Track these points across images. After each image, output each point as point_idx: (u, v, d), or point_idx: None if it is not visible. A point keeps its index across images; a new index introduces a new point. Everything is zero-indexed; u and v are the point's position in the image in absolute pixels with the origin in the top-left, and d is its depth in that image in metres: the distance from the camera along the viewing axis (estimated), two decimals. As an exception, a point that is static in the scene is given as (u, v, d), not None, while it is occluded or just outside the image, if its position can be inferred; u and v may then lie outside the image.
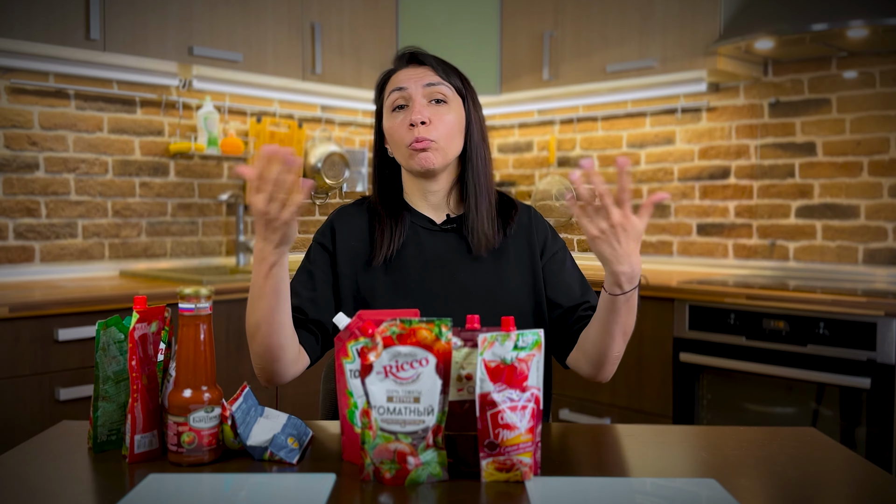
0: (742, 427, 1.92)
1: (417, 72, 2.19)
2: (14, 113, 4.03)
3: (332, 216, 2.31)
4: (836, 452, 1.76)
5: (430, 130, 2.12)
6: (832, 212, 4.41)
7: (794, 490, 1.53)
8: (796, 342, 3.67)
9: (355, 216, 2.29)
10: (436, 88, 2.16)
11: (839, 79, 4.36)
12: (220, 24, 4.28)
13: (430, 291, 2.17)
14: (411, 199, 2.27)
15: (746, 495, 1.48)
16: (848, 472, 1.67)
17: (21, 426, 3.28)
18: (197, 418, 1.62)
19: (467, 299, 2.16)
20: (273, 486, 1.51)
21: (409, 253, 2.20)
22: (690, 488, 1.51)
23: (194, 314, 1.64)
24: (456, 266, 2.20)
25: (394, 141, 2.18)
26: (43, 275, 4.15)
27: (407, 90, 2.15)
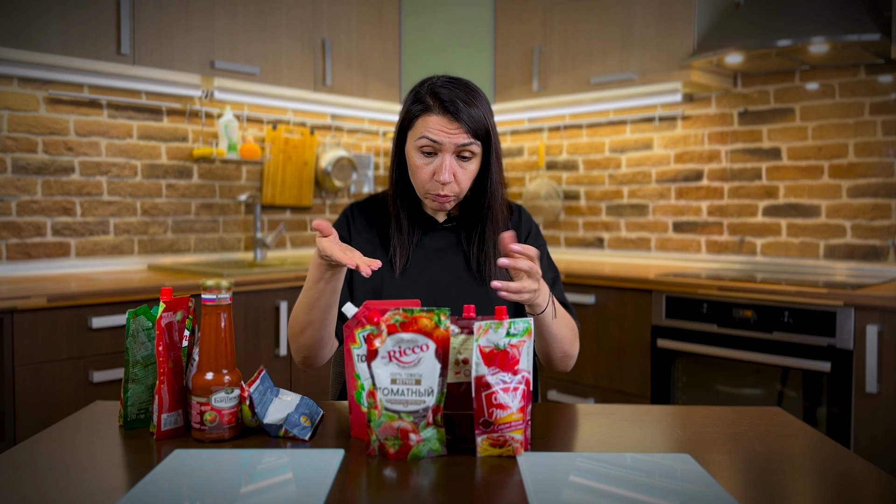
0: (714, 407, 1.92)
1: (451, 127, 2.07)
2: (52, 121, 4.02)
3: (346, 210, 2.33)
4: (799, 430, 1.76)
5: (453, 187, 2.10)
6: (796, 211, 4.40)
7: (762, 464, 1.53)
8: (763, 329, 3.67)
9: (368, 210, 2.31)
10: (466, 148, 2.08)
11: (802, 90, 4.36)
12: (239, 39, 4.28)
13: (431, 281, 2.18)
14: None
15: (718, 469, 1.48)
16: (810, 448, 1.67)
17: (58, 406, 3.28)
18: (218, 399, 1.62)
19: (464, 289, 2.17)
20: (287, 461, 1.51)
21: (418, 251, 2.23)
22: (666, 462, 1.51)
23: (216, 304, 1.64)
24: (452, 260, 2.21)
25: (415, 177, 2.14)
26: (78, 268, 4.15)
27: (441, 144, 2.07)
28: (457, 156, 2.10)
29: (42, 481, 1.41)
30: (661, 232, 5.01)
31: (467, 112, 2.08)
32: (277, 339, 4.02)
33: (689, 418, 1.82)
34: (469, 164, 2.11)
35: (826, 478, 1.51)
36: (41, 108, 3.99)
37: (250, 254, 4.92)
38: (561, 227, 5.52)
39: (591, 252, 5.36)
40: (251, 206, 4.90)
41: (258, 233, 4.81)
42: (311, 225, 5.11)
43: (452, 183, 2.10)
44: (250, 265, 4.58)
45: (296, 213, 5.21)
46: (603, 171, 5.28)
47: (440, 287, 2.18)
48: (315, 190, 5.31)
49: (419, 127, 2.11)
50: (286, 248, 5.15)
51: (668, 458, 1.54)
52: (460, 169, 2.10)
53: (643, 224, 5.09)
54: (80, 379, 3.36)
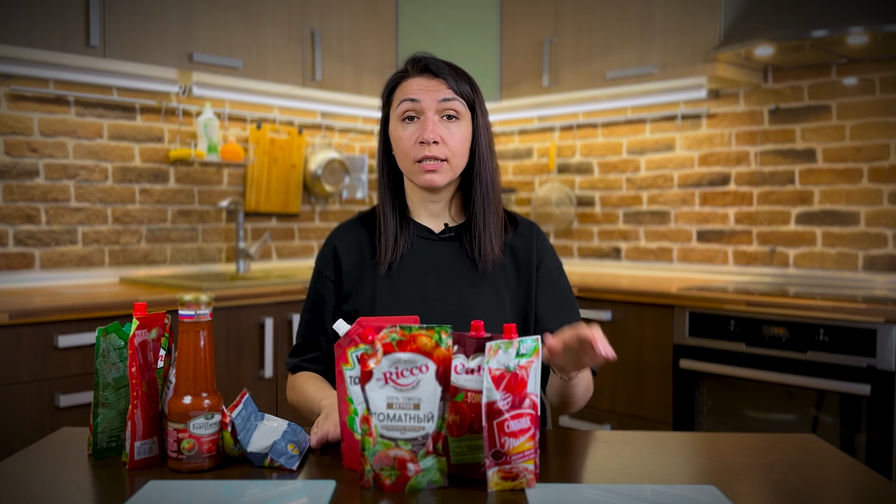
0: (742, 434, 1.93)
1: (431, 84, 2.13)
2: (14, 119, 4.03)
3: (330, 239, 2.32)
4: (835, 459, 1.76)
5: (441, 149, 2.10)
6: (832, 218, 4.41)
7: (794, 497, 1.53)
8: (796, 349, 3.67)
9: (352, 231, 2.31)
10: (450, 104, 2.11)
11: (839, 85, 4.36)
12: (220, 30, 4.29)
13: (426, 301, 2.17)
14: (411, 206, 2.27)
15: (746, 502, 1.48)
16: (848, 479, 1.67)
17: (21, 433, 3.27)
18: (197, 425, 1.62)
19: (464, 309, 2.16)
20: (273, 493, 1.51)
21: (407, 262, 2.21)
22: (690, 495, 1.51)
23: (194, 321, 1.64)
24: (453, 276, 2.20)
25: (401, 151, 2.16)
26: (43, 281, 4.15)
27: (420, 103, 2.11)
28: (441, 116, 2.12)
29: (3, 515, 1.41)
30: (684, 241, 5.01)
31: (448, 68, 2.16)
32: (262, 359, 4.02)
33: (714, 446, 1.83)
34: (456, 127, 2.13)
35: (866, 512, 1.51)
36: (2, 106, 4.00)
37: (232, 266, 4.93)
38: (574, 236, 5.53)
39: (607, 264, 5.36)
40: (233, 213, 4.91)
41: (241, 242, 4.81)
42: (298, 234, 5.12)
43: (441, 145, 2.10)
44: (232, 278, 4.59)
45: (282, 221, 5.21)
46: (620, 175, 5.29)
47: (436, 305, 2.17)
48: (303, 195, 5.32)
49: (398, 95, 2.17)
50: (272, 259, 5.16)
51: (693, 490, 1.54)
52: (447, 130, 2.11)
53: (664, 233, 5.10)
54: (45, 403, 3.36)
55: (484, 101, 2.23)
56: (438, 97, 2.11)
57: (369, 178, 5.61)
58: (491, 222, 2.19)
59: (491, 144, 2.23)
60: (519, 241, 2.28)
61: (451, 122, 2.12)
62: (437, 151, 2.09)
